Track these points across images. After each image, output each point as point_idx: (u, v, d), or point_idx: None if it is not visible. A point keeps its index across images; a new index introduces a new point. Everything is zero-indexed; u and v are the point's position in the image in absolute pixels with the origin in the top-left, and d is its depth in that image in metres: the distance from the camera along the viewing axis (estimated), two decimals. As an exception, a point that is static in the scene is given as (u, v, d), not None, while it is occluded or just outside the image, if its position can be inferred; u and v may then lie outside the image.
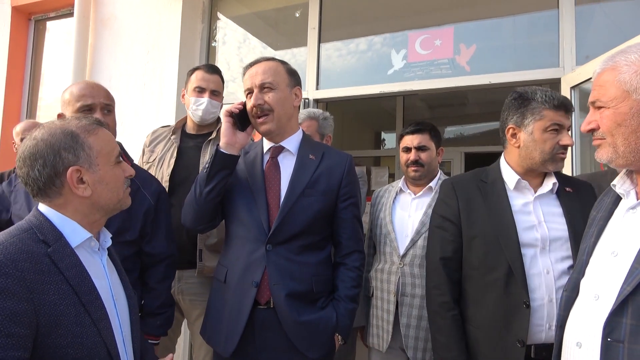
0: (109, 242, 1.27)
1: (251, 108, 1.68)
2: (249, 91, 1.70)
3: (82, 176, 1.14)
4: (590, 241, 1.18)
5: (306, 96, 3.34)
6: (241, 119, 1.71)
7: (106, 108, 1.79)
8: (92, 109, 1.75)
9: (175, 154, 2.25)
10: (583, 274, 1.16)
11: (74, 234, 1.14)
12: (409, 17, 3.28)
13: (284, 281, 1.61)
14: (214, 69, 2.34)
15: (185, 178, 2.19)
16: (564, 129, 1.57)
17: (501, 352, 1.51)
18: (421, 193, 2.18)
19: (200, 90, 2.25)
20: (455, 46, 3.03)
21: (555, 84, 2.67)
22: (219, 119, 2.37)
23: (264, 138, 1.80)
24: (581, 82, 2.48)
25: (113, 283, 1.23)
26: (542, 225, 1.57)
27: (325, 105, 3.50)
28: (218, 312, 1.71)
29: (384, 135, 7.39)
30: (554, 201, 1.61)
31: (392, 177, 5.92)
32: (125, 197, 1.26)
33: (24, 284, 0.98)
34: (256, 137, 1.89)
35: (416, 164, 2.15)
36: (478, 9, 3.07)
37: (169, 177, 2.21)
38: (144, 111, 3.60)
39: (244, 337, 1.62)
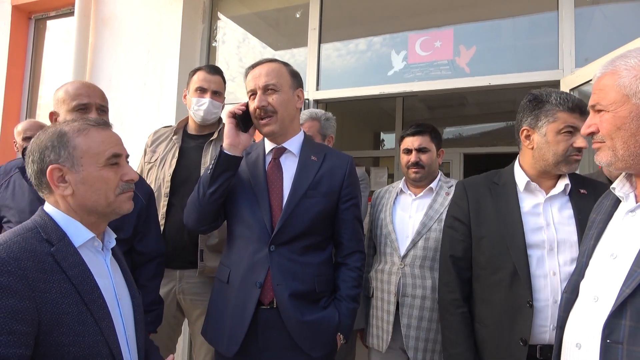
0: (113, 243, 1.28)
1: (254, 110, 1.69)
2: (252, 93, 1.71)
3: (64, 175, 1.15)
4: (589, 243, 1.19)
5: (306, 97, 3.34)
6: (244, 120, 1.72)
7: (101, 109, 1.77)
8: (87, 108, 1.73)
9: (176, 154, 2.26)
10: (583, 276, 1.17)
11: (77, 233, 1.16)
12: (409, 19, 3.29)
13: (287, 281, 1.63)
14: (216, 69, 2.35)
15: (187, 178, 2.20)
16: (578, 131, 1.55)
17: (505, 351, 1.54)
18: (422, 194, 2.20)
19: (201, 91, 2.26)
20: (455, 48, 3.04)
21: (555, 86, 2.69)
22: (220, 119, 2.38)
23: (265, 139, 1.81)
24: (580, 85, 2.49)
25: (117, 283, 1.24)
26: (550, 227, 1.58)
27: (325, 105, 3.51)
28: (220, 312, 1.71)
29: (383, 135, 7.40)
30: (566, 203, 1.61)
31: (392, 178, 5.93)
32: (121, 201, 1.22)
33: (26, 282, 0.99)
34: (257, 138, 1.90)
35: (417, 165, 2.16)
36: (478, 11, 3.08)
37: (170, 177, 2.22)
38: (144, 111, 3.60)
39: (247, 337, 1.62)
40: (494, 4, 3.07)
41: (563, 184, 1.61)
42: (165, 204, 2.21)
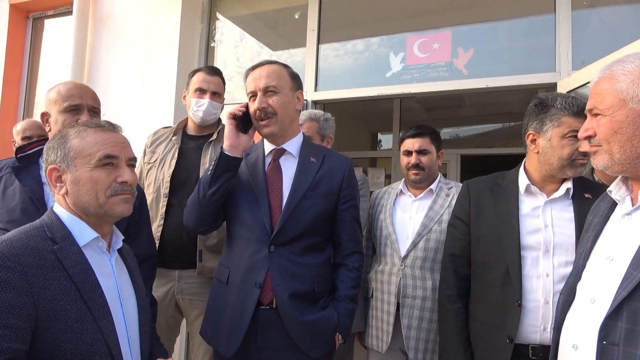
0: (120, 244, 1.30)
1: (255, 111, 1.70)
2: (252, 94, 1.71)
3: (61, 175, 1.19)
4: (587, 245, 1.21)
5: (304, 97, 3.35)
6: (244, 121, 1.72)
7: (93, 110, 1.75)
8: (79, 110, 1.71)
9: (176, 155, 2.26)
10: (580, 278, 1.19)
11: (82, 233, 1.18)
12: (407, 20, 3.30)
13: (286, 282, 1.64)
14: (215, 70, 2.36)
15: (186, 179, 2.21)
16: None
17: (493, 347, 1.59)
18: (422, 195, 2.21)
19: (201, 92, 2.26)
20: (453, 50, 3.05)
21: (552, 88, 2.71)
22: (219, 120, 2.39)
23: (264, 140, 1.82)
24: (577, 87, 2.50)
25: (121, 284, 1.24)
26: (548, 229, 1.59)
27: (323, 106, 3.52)
28: (220, 312, 1.72)
29: (380, 136, 7.41)
30: (567, 206, 1.62)
31: (389, 179, 5.94)
32: (113, 203, 1.20)
33: (25, 277, 1.01)
34: (256, 139, 1.91)
35: (417, 167, 2.17)
36: (476, 13, 3.10)
37: (169, 178, 2.22)
38: (142, 111, 3.59)
39: (246, 337, 1.63)
40: (492, 6, 3.09)
41: (565, 187, 1.62)
42: (164, 204, 2.21)
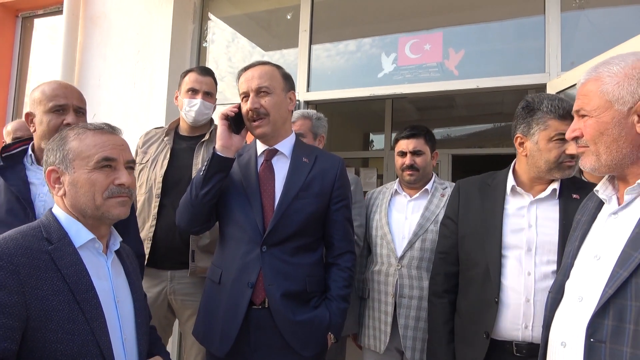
0: (117, 246, 1.30)
1: (247, 112, 1.70)
2: (245, 95, 1.72)
3: (59, 177, 1.20)
4: (574, 244, 1.23)
5: (297, 98, 3.35)
6: (236, 122, 1.73)
7: (79, 111, 1.73)
8: (65, 110, 1.67)
9: (168, 156, 2.26)
10: (568, 276, 1.20)
11: (78, 234, 1.19)
12: (399, 22, 3.32)
13: (278, 282, 1.64)
14: (207, 70, 2.36)
15: (179, 180, 2.20)
16: None
17: (472, 341, 1.63)
18: (417, 195, 2.22)
19: (193, 92, 2.26)
20: (445, 51, 3.08)
21: (542, 89, 2.74)
22: (211, 120, 2.38)
23: (257, 140, 1.82)
24: (566, 88, 2.53)
25: (117, 286, 1.24)
26: (532, 228, 1.61)
27: (315, 106, 3.52)
28: (212, 312, 1.72)
29: (372, 136, 7.43)
30: (553, 206, 1.63)
31: (381, 179, 5.95)
32: (110, 205, 1.21)
33: (17, 277, 1.01)
34: (248, 139, 1.91)
35: (411, 168, 2.18)
36: (467, 15, 3.12)
37: (161, 178, 2.22)
38: (133, 111, 3.57)
39: (239, 337, 1.64)
40: (483, 8, 3.12)
41: (552, 188, 1.64)
42: (156, 205, 2.21)
